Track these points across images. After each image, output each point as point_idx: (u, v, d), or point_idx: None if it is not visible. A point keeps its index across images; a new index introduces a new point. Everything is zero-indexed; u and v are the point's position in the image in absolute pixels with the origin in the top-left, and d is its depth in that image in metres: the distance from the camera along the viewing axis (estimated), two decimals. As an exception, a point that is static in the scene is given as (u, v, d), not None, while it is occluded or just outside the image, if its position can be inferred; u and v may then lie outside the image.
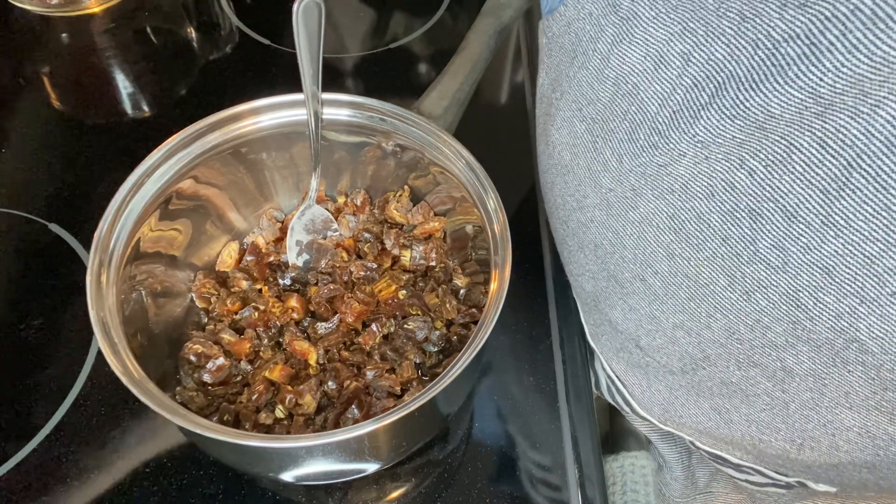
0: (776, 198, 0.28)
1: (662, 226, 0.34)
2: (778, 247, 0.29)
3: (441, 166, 0.47)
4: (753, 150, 0.28)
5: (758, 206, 0.29)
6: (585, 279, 0.43)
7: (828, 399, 0.32)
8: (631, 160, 0.33)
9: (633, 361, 0.43)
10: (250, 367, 0.46)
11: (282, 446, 0.36)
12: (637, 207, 0.34)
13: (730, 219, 0.30)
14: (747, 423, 0.38)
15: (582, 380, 0.51)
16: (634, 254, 0.36)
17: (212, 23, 0.74)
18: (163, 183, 0.44)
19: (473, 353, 0.37)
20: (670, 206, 0.33)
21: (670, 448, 0.56)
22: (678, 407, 0.42)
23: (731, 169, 0.29)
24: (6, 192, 0.58)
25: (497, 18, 0.53)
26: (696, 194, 0.31)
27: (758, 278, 0.30)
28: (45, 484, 0.45)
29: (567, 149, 0.38)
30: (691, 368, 0.38)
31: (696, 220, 0.32)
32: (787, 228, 0.28)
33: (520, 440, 0.48)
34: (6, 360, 0.50)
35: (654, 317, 0.37)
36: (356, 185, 0.53)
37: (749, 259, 0.30)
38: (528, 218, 0.59)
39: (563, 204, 0.41)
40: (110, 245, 0.41)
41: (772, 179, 0.28)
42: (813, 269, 0.28)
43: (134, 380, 0.36)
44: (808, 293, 0.29)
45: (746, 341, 0.33)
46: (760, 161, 0.28)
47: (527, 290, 0.55)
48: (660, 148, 0.32)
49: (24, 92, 0.66)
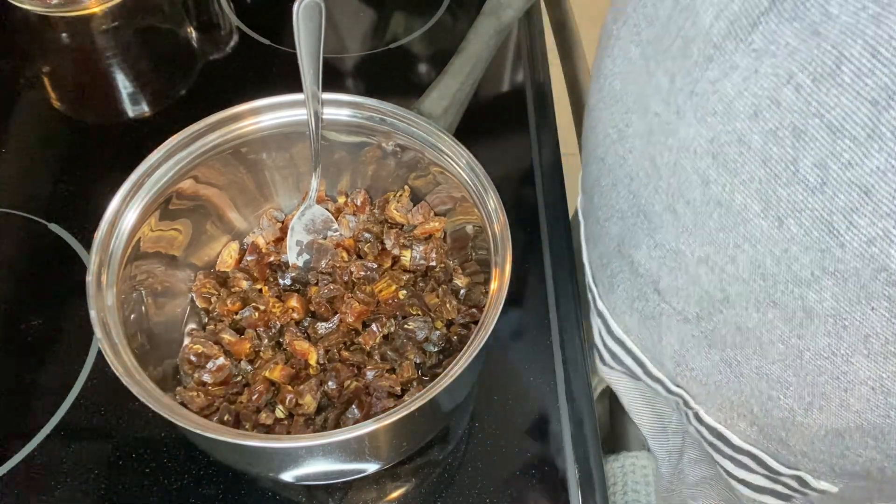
0: (822, 112, 0.28)
1: (700, 150, 0.34)
2: (819, 165, 0.29)
3: (441, 166, 0.47)
4: (803, 62, 0.28)
5: (802, 123, 0.29)
6: (613, 222, 0.44)
7: (846, 345, 0.32)
8: (683, 78, 0.33)
9: (648, 311, 0.43)
10: (250, 367, 0.46)
11: (282, 446, 0.36)
12: (678, 132, 0.35)
13: (772, 139, 0.30)
14: (757, 376, 0.38)
15: (582, 380, 0.51)
16: (669, 182, 0.36)
17: (212, 23, 0.74)
18: (163, 183, 0.44)
19: (474, 353, 0.37)
20: (711, 130, 0.33)
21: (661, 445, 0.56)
22: (689, 360, 0.42)
23: (778, 85, 0.29)
24: (6, 192, 0.58)
25: (497, 18, 0.53)
26: (740, 114, 0.31)
27: (793, 201, 0.30)
28: (45, 484, 0.45)
29: (619, 78, 0.39)
30: (707, 314, 0.38)
31: (736, 142, 0.32)
32: (830, 145, 0.28)
33: (520, 440, 0.48)
34: (6, 360, 0.50)
35: (679, 251, 0.38)
36: (356, 185, 0.53)
37: (787, 181, 0.30)
38: (528, 218, 0.59)
39: (603, 139, 0.42)
40: (110, 245, 0.41)
41: (819, 93, 0.28)
42: (852, 188, 0.28)
43: (134, 380, 0.36)
44: (842, 216, 0.29)
45: (770, 276, 0.33)
46: (809, 75, 0.28)
47: (527, 290, 0.55)
48: (714, 61, 0.32)
49: (24, 92, 0.66)
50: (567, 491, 0.46)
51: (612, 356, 0.51)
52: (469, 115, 0.53)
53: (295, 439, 0.35)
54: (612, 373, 0.53)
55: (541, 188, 0.60)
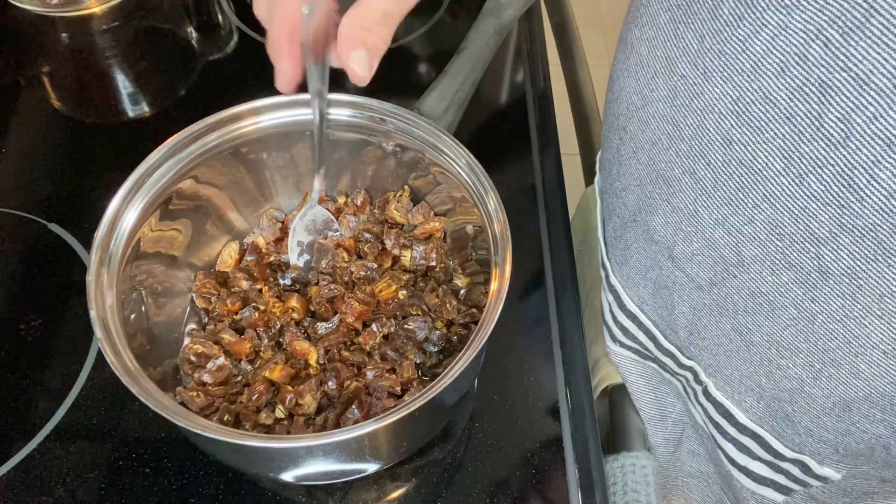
0: (849, 66, 0.29)
1: (725, 111, 0.34)
2: (843, 119, 0.29)
3: (441, 166, 0.47)
4: (833, 16, 0.29)
5: (828, 78, 0.29)
6: (630, 191, 0.45)
7: (860, 306, 0.33)
8: (712, 38, 0.34)
9: (661, 281, 0.44)
10: (250, 367, 0.46)
11: (282, 446, 0.36)
12: (703, 94, 0.35)
13: (798, 95, 0.31)
14: (768, 343, 0.38)
15: (582, 380, 0.51)
16: (690, 145, 0.37)
17: (212, 23, 0.74)
18: (163, 183, 0.44)
19: (473, 353, 0.37)
20: (737, 89, 0.33)
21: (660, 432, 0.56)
22: (701, 329, 0.43)
23: (808, 40, 0.30)
24: (6, 192, 0.58)
25: (497, 18, 0.53)
26: (767, 72, 0.32)
27: (815, 157, 0.31)
28: (45, 484, 0.45)
29: (645, 43, 0.40)
30: (721, 279, 0.39)
31: (762, 100, 0.32)
32: (856, 98, 0.29)
33: (520, 440, 0.48)
34: (6, 360, 0.50)
35: (697, 214, 0.38)
36: (356, 185, 0.53)
37: (811, 136, 0.31)
38: (528, 218, 0.59)
39: (626, 108, 0.43)
40: (110, 245, 0.41)
41: (847, 47, 0.28)
42: (875, 141, 0.29)
43: (134, 379, 0.36)
44: (863, 170, 0.29)
45: (787, 236, 0.33)
46: (838, 29, 0.29)
47: (527, 290, 0.55)
48: (744, 19, 0.32)
49: (24, 92, 0.66)
50: (567, 491, 0.46)
51: (623, 331, 0.52)
52: (469, 115, 0.53)
53: (295, 439, 0.35)
54: (621, 352, 0.54)
55: (541, 188, 0.60)
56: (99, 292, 0.39)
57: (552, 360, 0.51)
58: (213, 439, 0.34)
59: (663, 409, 0.56)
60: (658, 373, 0.53)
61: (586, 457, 0.47)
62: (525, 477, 0.46)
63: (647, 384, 0.55)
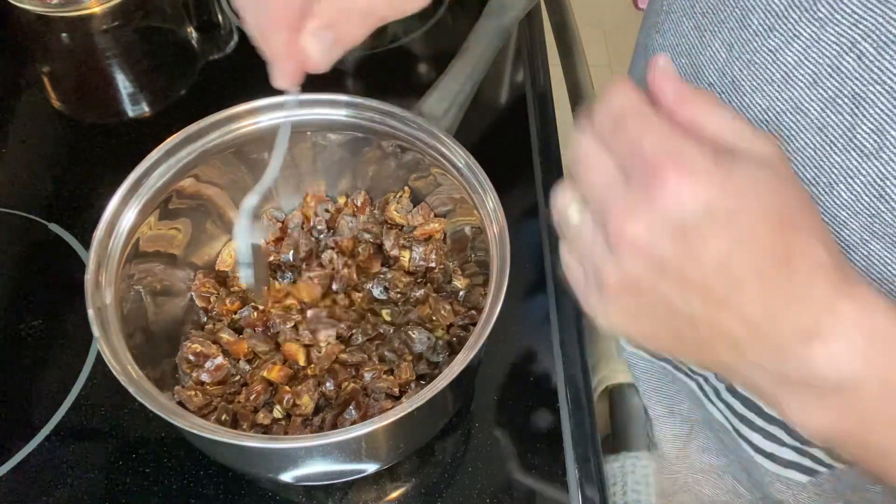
0: (883, 80, 0.29)
1: (755, 120, 0.34)
2: (877, 131, 0.30)
3: (441, 167, 0.47)
4: (867, 31, 0.29)
5: (862, 90, 0.30)
6: None
7: None
8: (741, 47, 0.34)
9: None
10: (248, 367, 0.46)
11: (279, 447, 0.36)
12: (730, 103, 0.35)
13: (830, 106, 0.31)
14: None
15: (582, 379, 0.51)
16: None
17: (212, 23, 0.74)
18: (162, 182, 0.44)
19: (471, 354, 0.37)
20: (766, 99, 0.34)
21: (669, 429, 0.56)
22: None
23: (841, 53, 0.30)
24: (6, 192, 0.58)
25: (499, 20, 0.53)
26: (798, 82, 0.32)
27: (847, 167, 0.31)
28: (45, 484, 0.45)
29: (669, 50, 0.40)
30: None
31: (793, 110, 0.33)
32: (890, 110, 0.29)
33: (519, 440, 0.48)
34: (6, 360, 0.50)
35: None
36: (356, 185, 0.53)
37: (843, 147, 0.31)
38: (528, 218, 0.59)
39: None
40: (109, 244, 0.41)
41: (881, 61, 0.29)
42: None
43: (132, 380, 0.36)
44: (895, 180, 0.30)
45: None
46: (872, 42, 0.29)
47: (527, 290, 0.55)
48: (775, 31, 0.32)
49: (24, 92, 0.66)
50: (567, 491, 0.46)
51: None
52: (469, 116, 0.53)
53: (292, 440, 0.35)
54: (635, 352, 0.54)
55: (541, 188, 0.60)
56: (97, 291, 0.39)
57: (552, 360, 0.51)
58: (211, 439, 0.35)
59: (671, 407, 0.56)
60: (669, 372, 0.53)
61: (586, 457, 0.47)
62: (525, 477, 0.46)
63: (658, 382, 0.55)
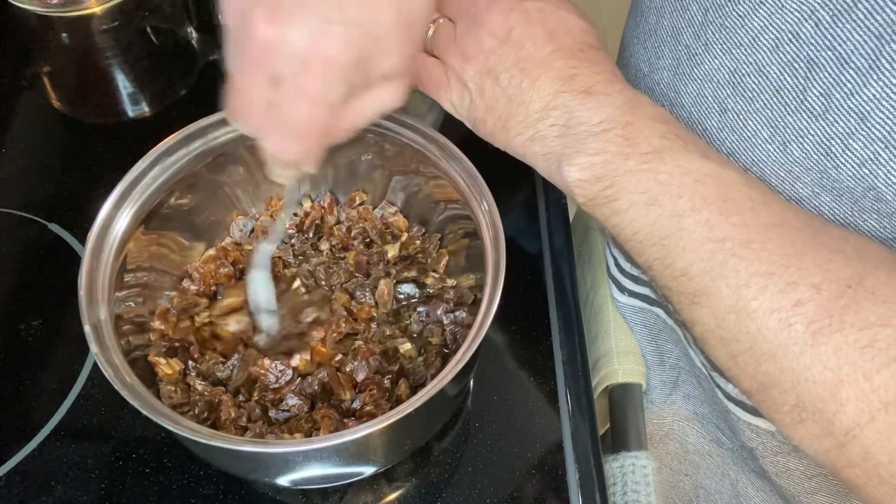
0: (834, 46, 0.31)
1: (722, 81, 0.37)
2: (825, 94, 0.32)
3: (435, 169, 0.46)
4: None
5: (815, 55, 0.32)
6: None
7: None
8: (715, 12, 0.37)
9: None
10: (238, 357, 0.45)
11: (275, 451, 0.36)
12: (703, 64, 0.38)
13: (787, 69, 0.34)
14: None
15: (582, 380, 0.51)
16: (690, 112, 0.40)
17: (212, 23, 0.74)
18: (161, 182, 0.44)
19: (467, 357, 0.37)
20: (734, 61, 0.36)
21: (657, 376, 0.58)
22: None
23: (801, 20, 0.32)
24: (6, 192, 0.58)
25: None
26: (762, 47, 0.35)
27: (798, 128, 0.34)
28: (45, 484, 0.45)
29: (654, 12, 0.43)
30: None
31: (755, 73, 0.35)
32: (837, 74, 0.32)
33: (519, 440, 0.48)
34: (6, 360, 0.50)
35: None
36: (348, 186, 0.53)
37: (795, 108, 0.34)
38: (527, 218, 0.59)
39: (635, 74, 0.46)
40: (104, 245, 0.41)
41: (834, 28, 0.31)
42: (850, 114, 0.32)
43: (125, 384, 0.36)
44: (839, 140, 0.33)
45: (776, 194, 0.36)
46: (829, 11, 0.31)
47: (527, 290, 0.55)
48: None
49: (24, 92, 0.66)
50: (567, 491, 0.46)
51: (632, 279, 0.54)
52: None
53: (289, 444, 0.36)
54: (627, 301, 0.56)
55: (541, 188, 0.60)
56: (91, 294, 0.39)
57: (552, 361, 0.51)
58: (212, 446, 0.35)
59: (662, 356, 0.57)
60: (661, 320, 0.55)
61: (586, 457, 0.47)
62: (525, 477, 0.46)
63: (650, 332, 0.57)
